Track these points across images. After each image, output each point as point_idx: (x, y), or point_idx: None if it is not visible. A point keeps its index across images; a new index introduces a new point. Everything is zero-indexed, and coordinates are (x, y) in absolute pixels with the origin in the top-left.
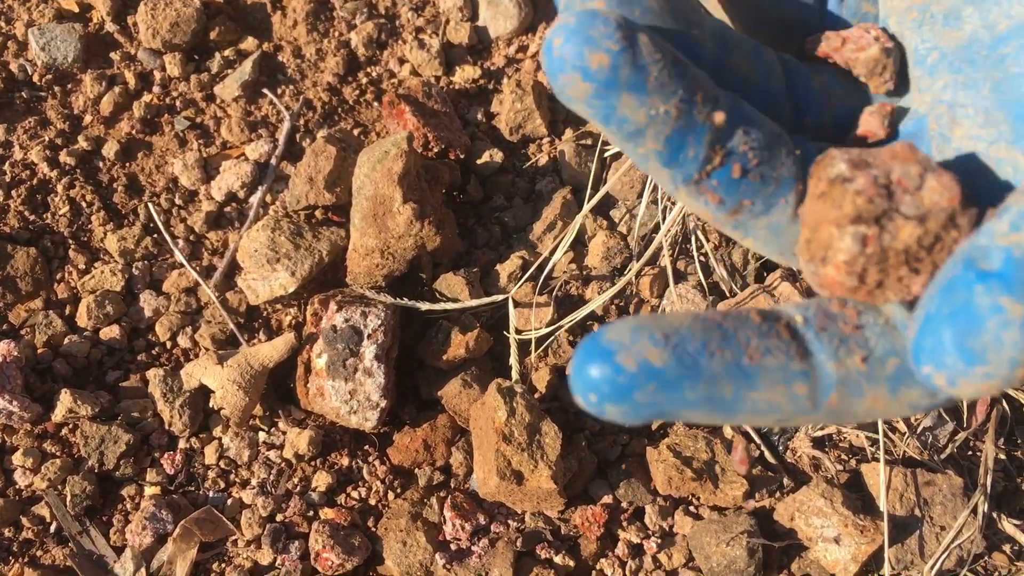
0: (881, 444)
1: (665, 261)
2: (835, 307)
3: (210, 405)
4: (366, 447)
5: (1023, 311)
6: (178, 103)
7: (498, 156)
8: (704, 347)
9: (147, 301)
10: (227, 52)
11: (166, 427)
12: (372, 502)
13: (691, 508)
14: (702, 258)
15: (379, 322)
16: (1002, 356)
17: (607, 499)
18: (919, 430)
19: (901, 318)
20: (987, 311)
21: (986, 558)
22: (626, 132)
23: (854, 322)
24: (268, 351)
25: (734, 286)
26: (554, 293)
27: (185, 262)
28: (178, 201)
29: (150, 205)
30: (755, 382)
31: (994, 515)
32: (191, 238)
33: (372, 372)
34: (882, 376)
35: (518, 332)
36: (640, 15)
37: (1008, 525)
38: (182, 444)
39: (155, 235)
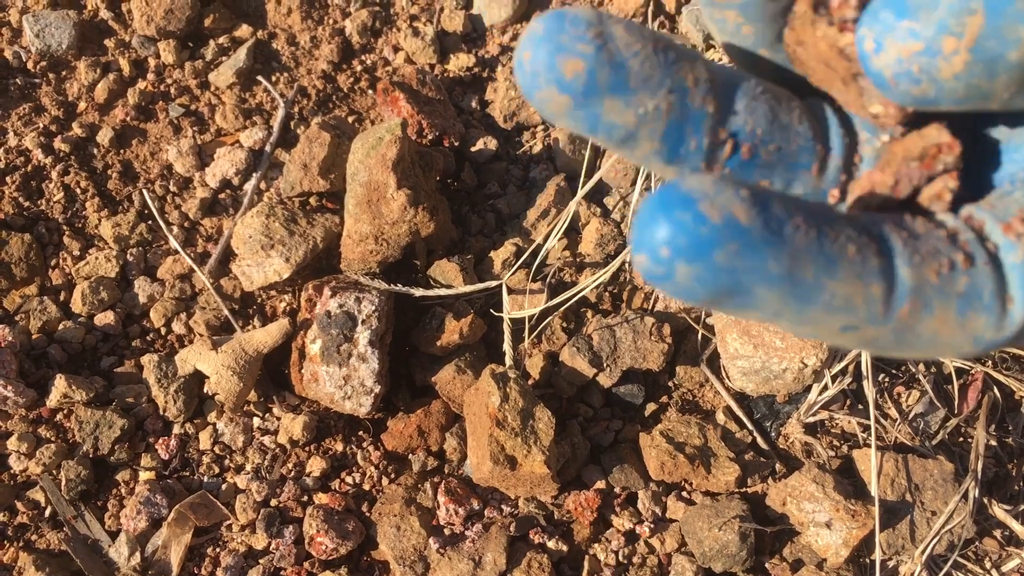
0: (872, 430)
1: None
2: (909, 218)
3: (204, 391)
4: (360, 432)
5: None
6: (172, 90)
7: (492, 144)
8: (789, 215)
9: (141, 287)
10: (222, 39)
11: (161, 412)
12: (366, 487)
13: (684, 493)
14: None
15: (373, 308)
16: (932, 16)
17: (600, 484)
18: (910, 416)
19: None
20: None
21: (977, 543)
22: (617, 138)
23: (927, 232)
24: (262, 337)
25: None
26: (548, 280)
27: (180, 248)
28: (172, 188)
29: (144, 192)
30: (835, 269)
31: (985, 500)
32: (185, 225)
33: (366, 357)
34: (952, 293)
35: (511, 318)
36: None
37: (998, 510)
38: (176, 429)
39: (149, 222)
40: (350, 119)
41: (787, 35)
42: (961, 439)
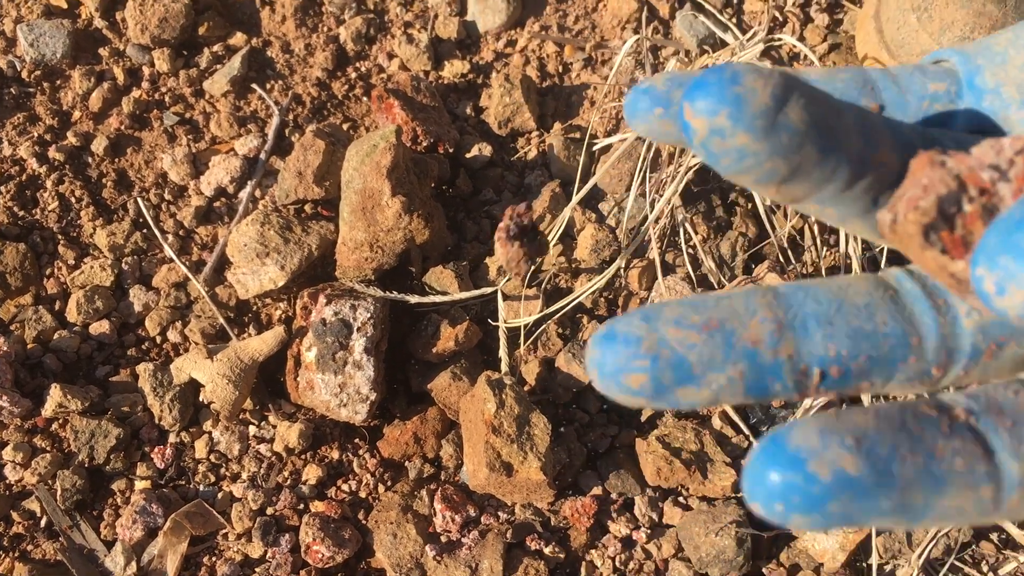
0: None
1: (653, 253)
2: (1004, 393)
3: (200, 399)
4: (356, 440)
5: None
6: (167, 99)
7: (487, 150)
8: (895, 451)
9: (137, 296)
10: (216, 47)
11: (156, 421)
12: (362, 495)
13: (680, 499)
14: (690, 250)
15: (368, 315)
16: None
17: (597, 490)
18: None
19: None
20: None
21: (974, 547)
22: (699, 404)
23: None
24: (258, 345)
25: (722, 278)
26: (543, 286)
27: (175, 257)
28: (167, 196)
29: (139, 200)
30: (945, 488)
31: None
32: (180, 233)
33: (362, 365)
34: None
35: (507, 325)
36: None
37: None
38: (172, 438)
39: (144, 230)
40: (345, 126)
41: (886, 234)
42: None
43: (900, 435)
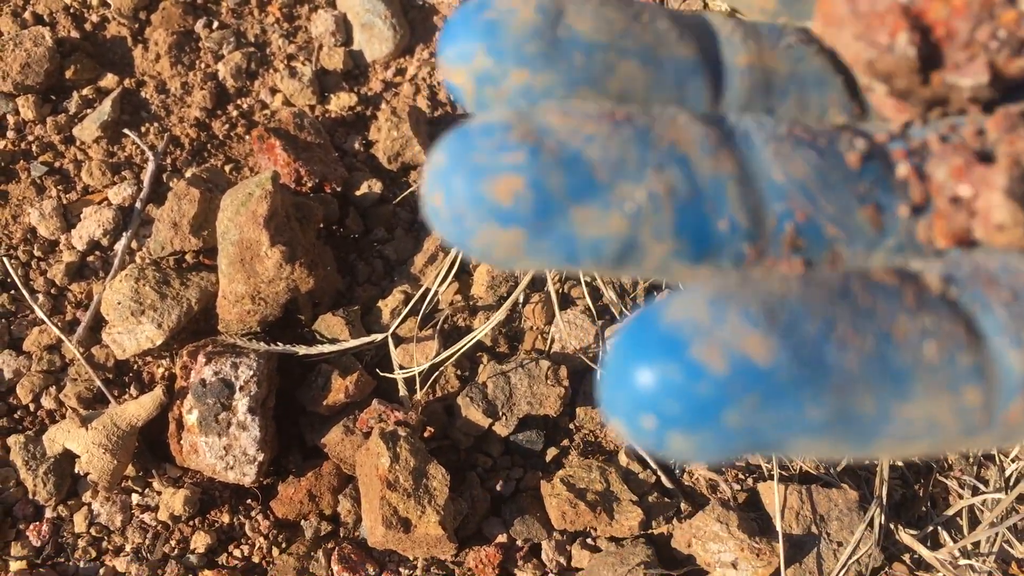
0: (775, 461)
1: (550, 286)
2: (999, 258)
3: (77, 470)
4: (248, 501)
5: None
6: (35, 148)
7: (377, 186)
8: (830, 329)
9: (6, 363)
10: (86, 91)
11: (30, 496)
12: (256, 559)
13: (589, 541)
14: (589, 279)
15: (251, 373)
16: None
17: (502, 538)
18: None
19: None
20: None
21: (886, 569)
22: (613, 256)
23: None
24: (135, 410)
25: (624, 308)
26: (439, 326)
27: (46, 318)
28: (37, 252)
29: (5, 260)
30: (910, 388)
31: (891, 526)
32: (52, 291)
33: (247, 426)
34: None
35: (403, 370)
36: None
37: (905, 536)
38: (48, 513)
39: (12, 291)
40: (227, 168)
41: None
42: (867, 462)
43: (839, 307)
